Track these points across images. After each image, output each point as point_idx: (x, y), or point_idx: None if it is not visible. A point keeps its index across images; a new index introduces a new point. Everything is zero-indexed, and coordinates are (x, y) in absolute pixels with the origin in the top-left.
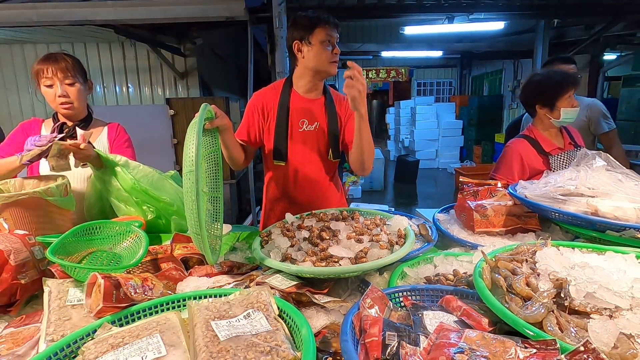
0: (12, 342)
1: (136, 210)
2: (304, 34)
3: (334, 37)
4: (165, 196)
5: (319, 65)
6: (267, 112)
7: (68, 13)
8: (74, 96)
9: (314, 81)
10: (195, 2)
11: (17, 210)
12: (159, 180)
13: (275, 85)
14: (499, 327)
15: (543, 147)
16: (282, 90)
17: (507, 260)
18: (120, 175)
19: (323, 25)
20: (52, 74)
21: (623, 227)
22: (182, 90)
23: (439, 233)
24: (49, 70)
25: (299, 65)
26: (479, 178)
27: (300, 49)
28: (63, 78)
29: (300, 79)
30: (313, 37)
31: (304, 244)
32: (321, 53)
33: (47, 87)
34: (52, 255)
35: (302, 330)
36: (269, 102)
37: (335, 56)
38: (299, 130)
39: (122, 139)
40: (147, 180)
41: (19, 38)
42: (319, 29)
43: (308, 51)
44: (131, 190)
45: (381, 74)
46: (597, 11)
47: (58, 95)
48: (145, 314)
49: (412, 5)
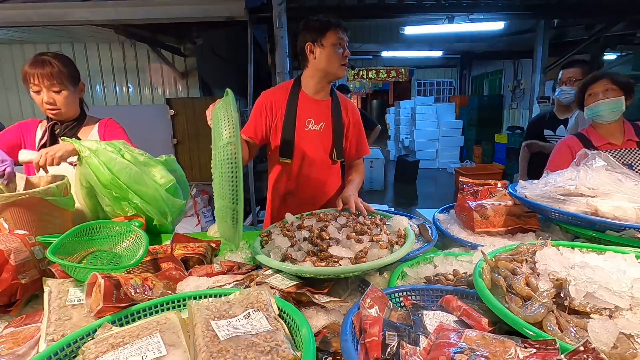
0: (12, 342)
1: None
2: (316, 36)
3: (344, 40)
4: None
5: (329, 67)
6: (275, 110)
7: (68, 13)
8: (60, 103)
9: (323, 83)
10: (195, 2)
11: (17, 210)
12: (137, 175)
13: (284, 85)
14: (499, 327)
15: (592, 142)
16: (290, 90)
17: (507, 260)
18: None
19: (335, 29)
20: (38, 81)
21: (623, 227)
22: (182, 90)
23: (439, 233)
24: (35, 77)
25: (309, 66)
26: (479, 178)
27: (313, 51)
28: (49, 85)
29: (309, 79)
30: (325, 40)
31: (304, 244)
32: (332, 55)
33: (35, 93)
34: (52, 255)
35: (302, 330)
36: (278, 100)
37: (345, 59)
38: (305, 129)
39: (112, 130)
40: (125, 174)
41: (19, 38)
42: (330, 32)
43: (320, 53)
44: (109, 185)
45: (381, 74)
46: (597, 11)
47: (45, 102)
48: (145, 313)
49: (412, 5)
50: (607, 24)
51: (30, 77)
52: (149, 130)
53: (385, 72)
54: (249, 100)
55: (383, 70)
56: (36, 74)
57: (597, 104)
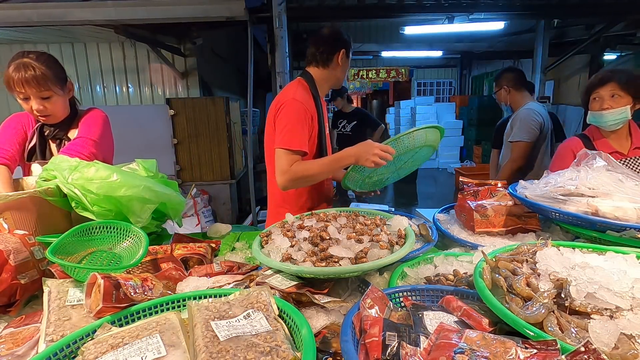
0: (12, 342)
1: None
2: (348, 47)
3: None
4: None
5: (342, 77)
6: (313, 119)
7: (68, 13)
8: (51, 109)
9: (329, 88)
10: (195, 2)
11: (17, 210)
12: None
13: (305, 88)
14: (500, 328)
15: (596, 148)
16: (313, 94)
17: (507, 261)
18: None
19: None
20: (24, 89)
21: (623, 227)
22: (182, 90)
23: (439, 233)
24: (20, 84)
25: (329, 71)
26: (479, 178)
27: (342, 58)
28: (37, 92)
29: (324, 83)
30: (349, 53)
31: (304, 244)
32: (347, 67)
33: (23, 100)
34: (52, 255)
35: (302, 330)
36: (311, 107)
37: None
38: (326, 132)
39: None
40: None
41: (19, 38)
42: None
43: (344, 64)
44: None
45: (381, 74)
46: (597, 11)
47: (35, 110)
48: (145, 314)
49: (412, 5)
50: (607, 24)
51: (14, 85)
52: (149, 130)
53: (385, 72)
54: (249, 100)
55: (383, 70)
56: (21, 81)
57: (602, 114)
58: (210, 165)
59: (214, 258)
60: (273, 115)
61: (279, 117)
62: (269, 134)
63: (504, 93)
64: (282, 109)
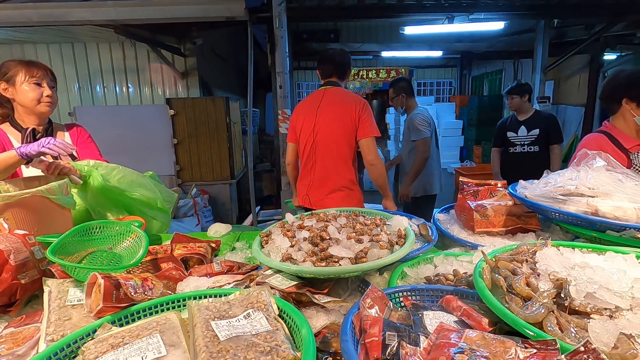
0: (12, 342)
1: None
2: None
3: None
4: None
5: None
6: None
7: (68, 13)
8: (54, 99)
9: None
10: (195, 2)
11: (19, 209)
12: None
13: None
14: (499, 327)
15: (622, 143)
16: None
17: (507, 261)
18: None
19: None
20: (42, 76)
21: (623, 227)
22: (182, 90)
23: (439, 233)
24: (38, 71)
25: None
26: (479, 178)
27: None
28: (49, 81)
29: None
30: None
31: (304, 244)
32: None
33: (36, 85)
34: (52, 255)
35: (302, 330)
36: None
37: None
38: None
39: (84, 136)
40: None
41: (19, 38)
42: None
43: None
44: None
45: (381, 74)
46: (597, 11)
47: (46, 95)
48: (145, 314)
49: (412, 5)
50: (607, 24)
51: (31, 72)
52: (149, 130)
53: (385, 72)
54: (249, 100)
55: (383, 70)
56: (39, 70)
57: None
58: (210, 165)
59: (214, 258)
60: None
61: (366, 111)
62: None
63: (401, 99)
64: (366, 107)
